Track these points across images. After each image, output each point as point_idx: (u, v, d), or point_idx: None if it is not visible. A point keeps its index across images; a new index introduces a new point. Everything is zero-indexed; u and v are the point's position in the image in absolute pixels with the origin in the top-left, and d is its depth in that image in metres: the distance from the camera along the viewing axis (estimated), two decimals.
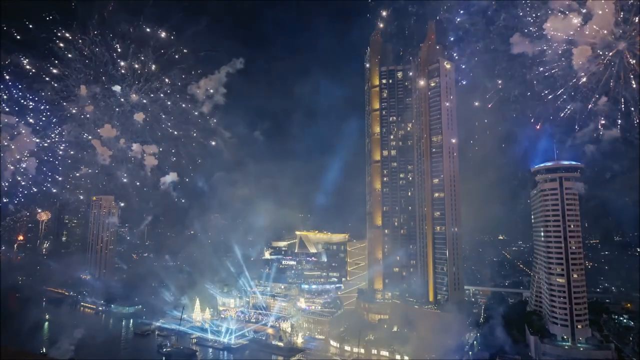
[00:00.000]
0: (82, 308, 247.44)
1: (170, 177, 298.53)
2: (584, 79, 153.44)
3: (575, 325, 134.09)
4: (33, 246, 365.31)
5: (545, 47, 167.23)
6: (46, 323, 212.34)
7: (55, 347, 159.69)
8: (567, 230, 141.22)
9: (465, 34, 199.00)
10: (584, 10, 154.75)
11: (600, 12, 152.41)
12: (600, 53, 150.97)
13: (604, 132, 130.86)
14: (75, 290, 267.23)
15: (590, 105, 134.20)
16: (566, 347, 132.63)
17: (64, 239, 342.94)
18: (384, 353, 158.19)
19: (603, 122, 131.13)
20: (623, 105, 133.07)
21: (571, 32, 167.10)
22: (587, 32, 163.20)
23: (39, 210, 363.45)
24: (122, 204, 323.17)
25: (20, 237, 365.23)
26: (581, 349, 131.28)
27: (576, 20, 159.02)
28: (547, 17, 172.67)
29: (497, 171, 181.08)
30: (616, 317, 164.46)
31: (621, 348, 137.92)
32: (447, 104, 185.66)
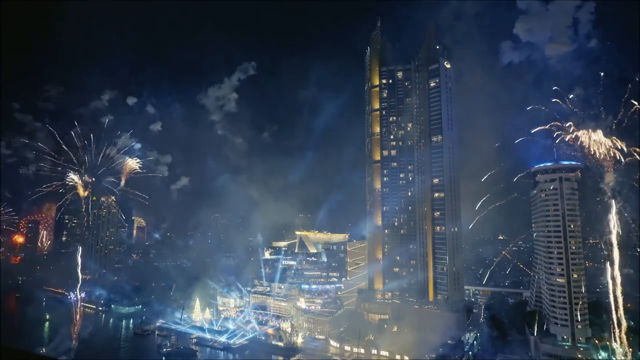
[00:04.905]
0: (82, 308, 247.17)
1: (181, 182, 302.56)
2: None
3: (575, 325, 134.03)
4: (33, 246, 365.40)
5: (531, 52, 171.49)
6: (46, 323, 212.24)
7: (55, 347, 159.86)
8: (567, 230, 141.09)
9: (464, 35, 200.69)
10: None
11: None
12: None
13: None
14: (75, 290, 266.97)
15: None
16: (566, 347, 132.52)
17: (64, 239, 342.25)
18: (384, 353, 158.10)
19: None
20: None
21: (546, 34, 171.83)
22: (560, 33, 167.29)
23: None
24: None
25: (21, 238, 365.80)
26: (581, 349, 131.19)
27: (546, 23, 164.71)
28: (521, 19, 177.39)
29: (497, 171, 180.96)
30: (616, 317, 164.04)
31: (623, 349, 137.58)
32: (447, 104, 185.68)
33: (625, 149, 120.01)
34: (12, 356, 18.19)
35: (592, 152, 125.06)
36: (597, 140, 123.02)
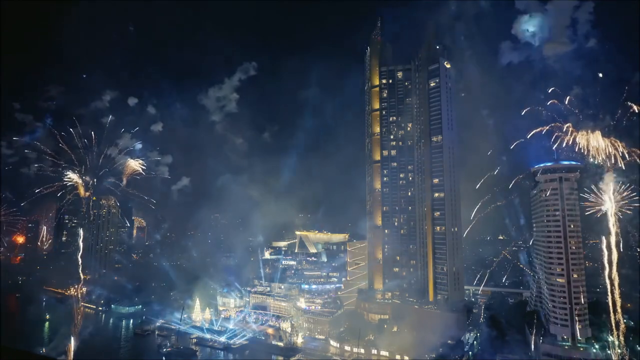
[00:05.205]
0: (82, 308, 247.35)
1: (182, 183, 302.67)
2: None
3: (575, 325, 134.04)
4: (33, 246, 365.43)
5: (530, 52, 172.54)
6: (46, 323, 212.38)
7: (54, 347, 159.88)
8: (567, 230, 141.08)
9: (464, 35, 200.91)
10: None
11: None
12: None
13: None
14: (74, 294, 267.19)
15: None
16: (566, 347, 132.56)
17: (64, 239, 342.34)
18: (384, 353, 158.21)
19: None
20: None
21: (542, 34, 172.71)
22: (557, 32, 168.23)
23: None
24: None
25: (21, 238, 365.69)
26: (581, 349, 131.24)
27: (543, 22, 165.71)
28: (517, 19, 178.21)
29: (496, 172, 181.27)
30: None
31: (621, 348, 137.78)
32: (447, 104, 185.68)
33: (624, 150, 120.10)
34: (12, 356, 18.24)
35: (591, 154, 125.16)
36: (595, 143, 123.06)
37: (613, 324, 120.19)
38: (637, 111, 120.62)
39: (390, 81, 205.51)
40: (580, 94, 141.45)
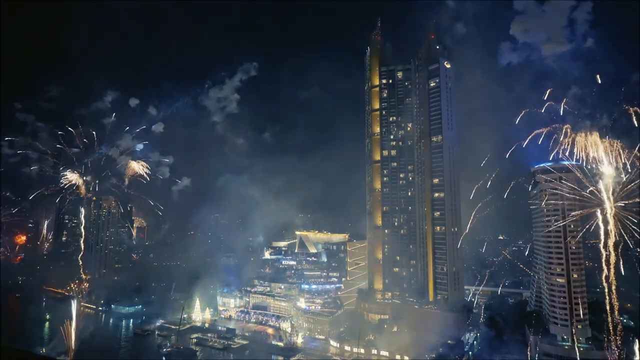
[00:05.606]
0: (82, 308, 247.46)
1: (183, 183, 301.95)
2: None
3: (575, 325, 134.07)
4: (33, 246, 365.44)
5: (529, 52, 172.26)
6: (46, 323, 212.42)
7: (54, 347, 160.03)
8: (567, 230, 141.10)
9: (464, 35, 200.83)
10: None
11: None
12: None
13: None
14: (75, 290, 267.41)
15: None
16: (566, 347, 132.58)
17: (64, 239, 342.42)
18: (384, 353, 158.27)
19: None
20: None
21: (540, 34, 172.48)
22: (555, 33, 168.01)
23: None
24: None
25: (22, 238, 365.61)
26: (581, 349, 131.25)
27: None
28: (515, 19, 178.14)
29: (497, 171, 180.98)
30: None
31: (621, 348, 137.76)
32: (447, 104, 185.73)
33: (622, 150, 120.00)
34: (12, 356, 18.30)
35: (590, 154, 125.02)
36: (594, 144, 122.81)
37: (611, 326, 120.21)
38: (633, 113, 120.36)
39: (390, 81, 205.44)
40: (579, 94, 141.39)
